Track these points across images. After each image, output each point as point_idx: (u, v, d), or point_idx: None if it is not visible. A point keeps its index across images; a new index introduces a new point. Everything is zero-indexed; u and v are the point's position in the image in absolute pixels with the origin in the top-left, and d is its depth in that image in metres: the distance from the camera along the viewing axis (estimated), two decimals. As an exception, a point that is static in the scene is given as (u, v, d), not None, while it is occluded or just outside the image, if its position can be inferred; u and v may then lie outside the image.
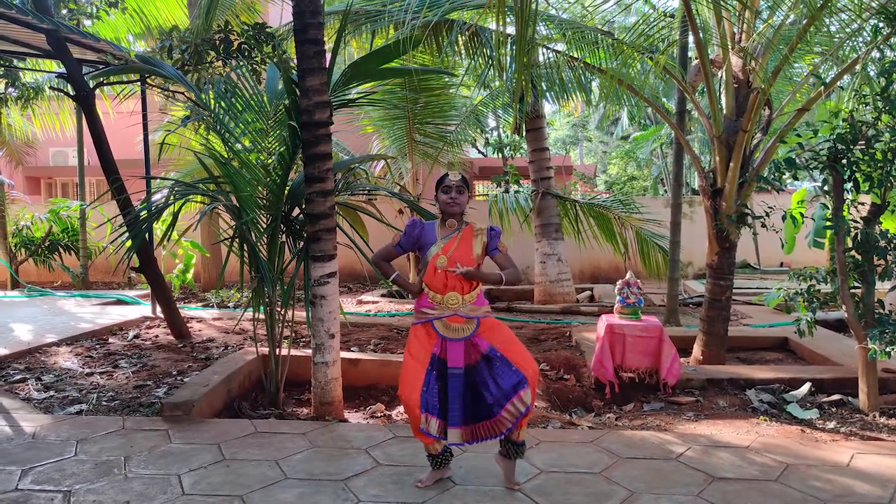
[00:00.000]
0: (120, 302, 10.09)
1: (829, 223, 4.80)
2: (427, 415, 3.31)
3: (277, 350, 5.10)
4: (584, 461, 3.77)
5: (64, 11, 7.53)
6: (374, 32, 7.86)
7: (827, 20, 5.48)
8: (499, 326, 3.45)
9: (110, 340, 7.25)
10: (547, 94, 7.60)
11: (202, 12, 8.34)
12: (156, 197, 5.48)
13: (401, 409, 5.04)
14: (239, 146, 5.21)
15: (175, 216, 5.07)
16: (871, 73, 5.48)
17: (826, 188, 4.84)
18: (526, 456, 3.82)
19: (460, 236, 3.41)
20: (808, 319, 4.88)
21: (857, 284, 4.77)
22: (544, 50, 7.00)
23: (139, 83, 7.98)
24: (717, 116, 5.62)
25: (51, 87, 9.85)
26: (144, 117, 8.12)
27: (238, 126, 5.27)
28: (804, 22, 5.24)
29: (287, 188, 5.08)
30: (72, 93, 6.97)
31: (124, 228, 5.54)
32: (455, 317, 3.35)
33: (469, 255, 3.39)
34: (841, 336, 6.74)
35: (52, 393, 5.27)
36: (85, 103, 6.78)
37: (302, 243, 4.99)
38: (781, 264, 13.34)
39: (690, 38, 6.66)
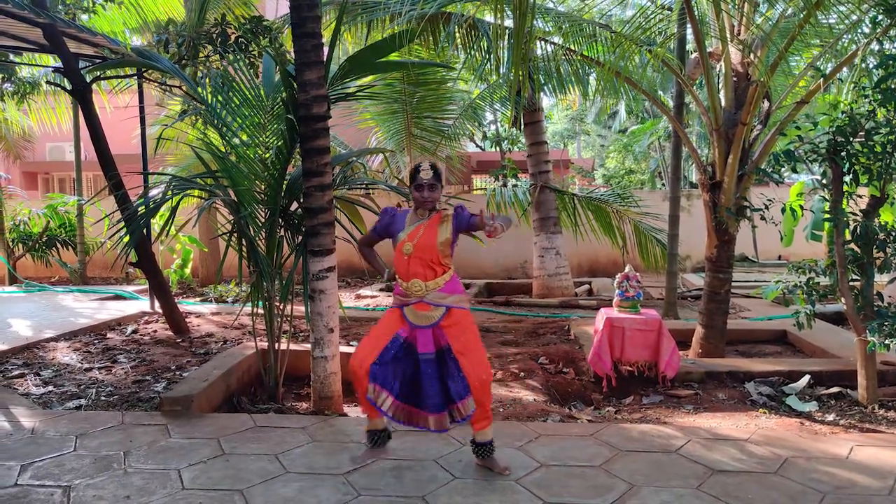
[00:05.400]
0: (118, 297, 10.08)
1: (827, 216, 4.80)
2: (376, 386, 3.40)
3: (276, 344, 5.09)
4: (584, 454, 3.77)
5: (60, 6, 7.48)
6: (370, 24, 7.84)
7: (826, 12, 5.46)
8: (462, 325, 3.47)
9: (109, 335, 7.24)
10: (545, 87, 7.59)
11: (196, 6, 8.30)
12: (153, 192, 5.46)
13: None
14: (236, 140, 5.19)
15: (173, 211, 5.06)
16: (871, 66, 5.47)
17: (825, 181, 4.83)
18: (526, 449, 3.83)
19: (428, 223, 3.48)
20: (808, 312, 4.88)
21: (855, 277, 4.77)
22: (542, 43, 6.98)
23: (136, 77, 7.95)
24: (716, 109, 5.61)
25: (47, 82, 9.79)
26: (142, 111, 8.10)
27: (235, 120, 5.25)
28: (802, 15, 5.22)
29: (285, 182, 5.06)
30: (68, 87, 6.94)
31: (122, 224, 5.53)
32: (421, 304, 3.43)
33: (433, 242, 3.43)
34: (839, 328, 6.74)
35: (50, 388, 5.27)
36: (81, 98, 6.76)
37: (300, 238, 4.98)
38: (780, 257, 13.35)
39: (688, 31, 6.65)
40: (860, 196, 4.88)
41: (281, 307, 5.14)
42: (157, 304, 8.07)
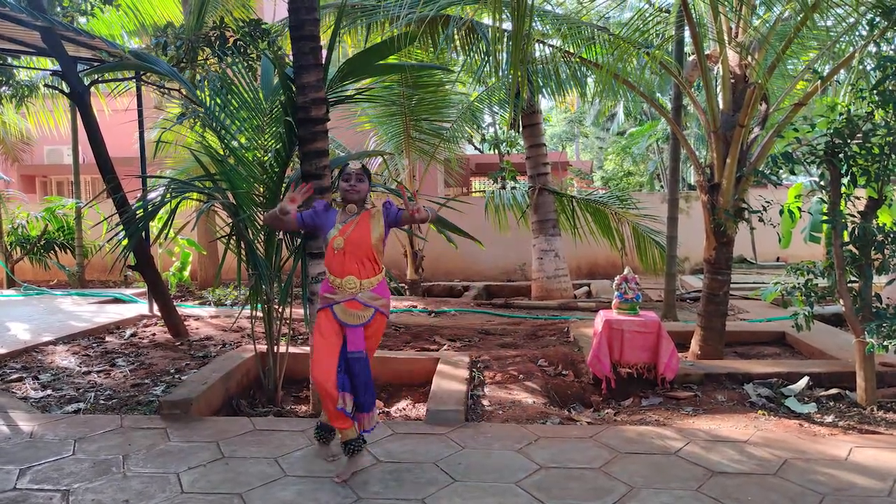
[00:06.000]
0: (117, 300, 10.06)
1: (826, 217, 4.80)
2: (343, 394, 3.39)
3: (275, 347, 5.09)
4: (584, 456, 3.77)
5: (58, 8, 7.48)
6: (369, 27, 7.85)
7: (823, 15, 5.47)
8: (379, 333, 3.56)
9: (107, 339, 7.23)
10: (543, 89, 7.60)
11: (195, 9, 8.31)
12: (152, 195, 5.46)
13: (400, 405, 5.04)
14: (235, 143, 5.19)
15: (172, 214, 5.06)
16: (868, 68, 5.49)
17: (823, 183, 4.84)
18: (525, 452, 3.83)
19: (358, 219, 3.49)
20: (806, 313, 4.88)
21: (854, 278, 4.77)
22: (540, 45, 6.99)
23: (134, 80, 7.95)
24: (713, 111, 5.62)
25: (45, 85, 9.80)
26: (140, 115, 8.09)
27: (234, 123, 5.25)
28: (800, 17, 5.24)
29: (284, 185, 5.07)
30: (66, 90, 6.94)
31: (121, 227, 5.53)
32: (353, 302, 3.42)
33: (367, 237, 3.45)
34: (838, 330, 6.75)
35: (49, 392, 5.26)
36: (80, 101, 6.75)
37: (299, 240, 4.98)
38: (778, 259, 13.37)
39: (686, 33, 6.66)
40: (858, 198, 4.89)
41: (280, 310, 5.14)
42: (155, 307, 8.05)
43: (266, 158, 5.16)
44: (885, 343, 4.36)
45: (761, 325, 7.21)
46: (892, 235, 4.58)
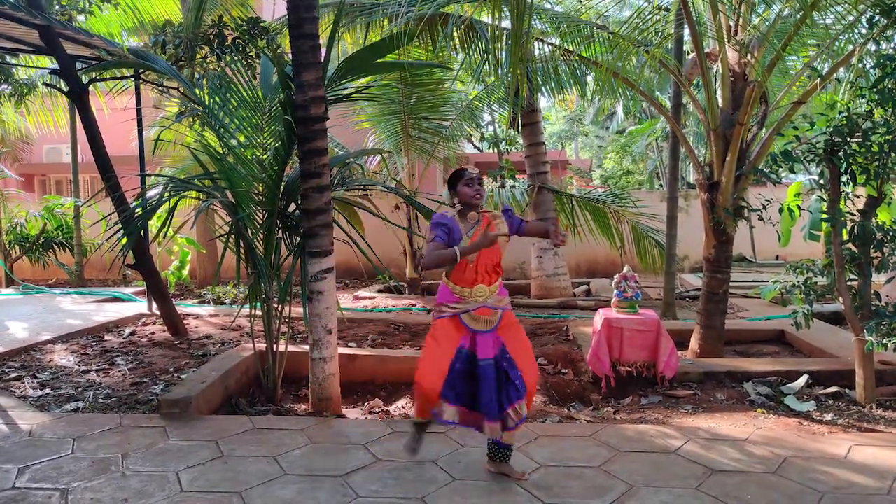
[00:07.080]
0: (115, 299, 10.06)
1: (825, 216, 4.80)
2: (446, 402, 3.36)
3: (275, 346, 5.08)
4: (583, 455, 3.77)
5: (56, 7, 7.47)
6: (368, 26, 7.84)
7: (822, 13, 5.47)
8: (516, 326, 3.51)
9: (106, 338, 7.23)
10: (542, 87, 7.58)
11: (193, 7, 8.30)
12: (151, 193, 5.45)
13: (399, 404, 5.04)
14: (234, 142, 5.18)
15: (170, 213, 5.05)
16: (868, 66, 5.48)
17: (822, 181, 4.84)
18: (525, 450, 3.83)
19: (481, 229, 3.41)
20: (806, 311, 4.88)
21: (853, 276, 4.77)
22: (539, 43, 6.98)
23: (133, 79, 7.93)
24: (713, 109, 5.61)
25: (44, 84, 9.78)
26: (139, 113, 8.07)
27: (233, 122, 5.24)
28: (799, 15, 5.23)
29: (283, 184, 5.06)
30: (65, 89, 6.92)
31: (119, 225, 5.52)
32: (483, 308, 3.39)
33: (497, 247, 3.37)
34: (837, 328, 6.75)
35: (48, 391, 5.25)
36: (78, 99, 6.74)
37: (298, 239, 4.97)
38: (777, 257, 13.37)
39: (686, 31, 6.66)
40: (857, 196, 4.89)
41: (279, 309, 5.14)
42: (154, 305, 8.05)
43: (265, 157, 5.15)
44: (884, 341, 4.37)
45: (761, 324, 7.21)
46: (891, 233, 4.58)
